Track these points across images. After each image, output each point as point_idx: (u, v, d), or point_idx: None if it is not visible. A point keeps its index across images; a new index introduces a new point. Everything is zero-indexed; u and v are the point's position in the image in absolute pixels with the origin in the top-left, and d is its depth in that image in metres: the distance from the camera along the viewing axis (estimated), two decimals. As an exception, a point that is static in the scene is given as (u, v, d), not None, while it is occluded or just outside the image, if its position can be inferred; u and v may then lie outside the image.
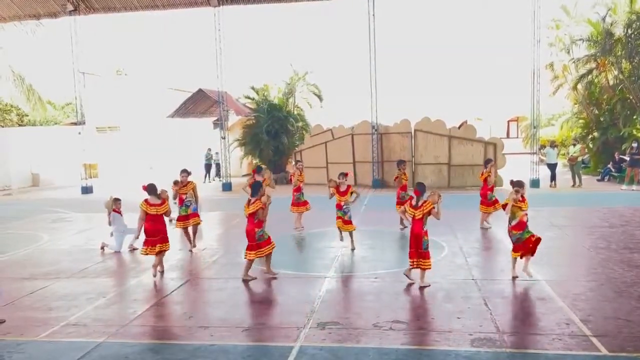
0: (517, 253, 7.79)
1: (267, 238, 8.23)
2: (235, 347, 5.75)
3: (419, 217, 7.60)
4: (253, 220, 8.07)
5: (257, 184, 8.31)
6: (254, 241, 8.10)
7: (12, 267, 9.72)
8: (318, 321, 6.36)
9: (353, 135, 22.13)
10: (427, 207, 7.56)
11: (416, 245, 7.62)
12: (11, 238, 12.91)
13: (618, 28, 21.81)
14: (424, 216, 7.60)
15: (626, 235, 10.81)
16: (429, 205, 7.56)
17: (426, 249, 7.64)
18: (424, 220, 7.62)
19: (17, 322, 6.66)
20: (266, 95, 26.61)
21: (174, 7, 22.46)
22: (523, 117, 31.84)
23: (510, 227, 7.78)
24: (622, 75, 22.35)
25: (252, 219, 8.07)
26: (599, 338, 5.61)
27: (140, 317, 6.81)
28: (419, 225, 7.62)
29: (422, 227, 7.61)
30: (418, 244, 7.61)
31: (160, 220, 8.61)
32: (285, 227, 12.22)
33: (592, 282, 7.73)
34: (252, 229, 8.09)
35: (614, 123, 22.70)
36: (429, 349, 5.56)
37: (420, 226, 7.61)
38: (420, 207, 7.62)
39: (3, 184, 25.43)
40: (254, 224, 8.08)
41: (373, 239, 11.23)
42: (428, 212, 7.59)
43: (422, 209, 7.60)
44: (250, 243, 8.14)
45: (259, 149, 24.69)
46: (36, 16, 23.66)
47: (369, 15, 20.38)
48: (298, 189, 12.39)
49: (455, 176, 20.35)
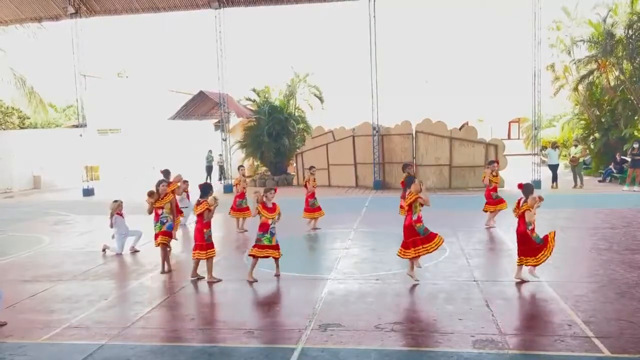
0: (528, 259, 7.62)
1: (212, 242, 8.39)
2: (237, 349, 5.75)
3: (407, 208, 7.81)
4: (202, 220, 8.24)
5: (206, 186, 8.46)
6: (202, 241, 8.25)
7: (14, 270, 9.72)
8: (320, 323, 6.36)
9: (354, 136, 22.14)
10: (411, 198, 7.75)
11: (409, 235, 7.78)
12: (13, 240, 12.93)
13: (619, 29, 21.79)
14: (410, 206, 7.76)
15: (628, 236, 10.79)
16: (412, 195, 7.75)
17: (424, 233, 7.78)
18: (412, 210, 7.76)
19: (19, 324, 6.66)
20: (267, 97, 26.62)
21: (175, 9, 22.49)
22: (524, 118, 31.81)
23: (530, 230, 7.63)
24: (623, 76, 22.33)
25: (201, 219, 8.25)
26: (601, 339, 5.59)
27: (142, 319, 6.81)
28: (409, 216, 7.82)
29: (412, 218, 7.78)
30: (411, 234, 7.76)
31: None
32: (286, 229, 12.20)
33: (594, 283, 7.72)
34: (200, 229, 8.26)
35: (615, 124, 22.68)
36: (430, 350, 5.55)
37: (410, 217, 7.79)
38: (406, 198, 7.84)
39: (5, 186, 25.46)
40: (202, 224, 8.26)
41: (374, 241, 11.23)
42: (414, 201, 7.73)
43: (407, 199, 7.80)
44: (197, 243, 8.31)
45: (260, 150, 24.71)
46: (37, 19, 23.73)
47: (370, 16, 20.39)
48: (312, 195, 12.37)
49: (456, 177, 20.34)
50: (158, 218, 9.28)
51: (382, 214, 14.52)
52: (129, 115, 29.13)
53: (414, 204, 7.77)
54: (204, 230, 8.25)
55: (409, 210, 7.81)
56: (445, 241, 10.43)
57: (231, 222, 13.21)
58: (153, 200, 9.31)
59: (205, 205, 8.19)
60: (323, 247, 11.09)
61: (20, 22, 24.18)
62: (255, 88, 27.31)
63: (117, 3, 22.35)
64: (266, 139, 24.09)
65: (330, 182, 22.88)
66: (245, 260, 9.83)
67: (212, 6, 21.45)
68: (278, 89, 27.72)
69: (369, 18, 20.43)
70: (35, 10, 23.00)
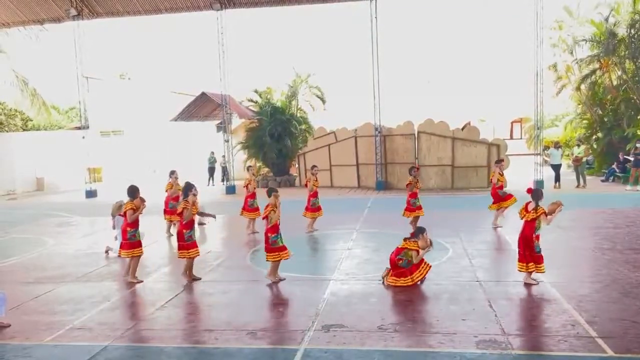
0: (529, 265, 7.56)
1: (193, 241, 8.45)
2: (240, 350, 5.75)
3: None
4: (182, 221, 8.35)
5: (187, 186, 8.58)
6: (183, 241, 8.36)
7: (17, 272, 9.75)
8: (323, 324, 6.36)
9: (356, 137, 22.14)
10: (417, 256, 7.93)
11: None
12: (16, 242, 12.96)
13: (621, 28, 21.77)
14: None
15: (631, 236, 10.77)
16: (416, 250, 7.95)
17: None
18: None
19: (23, 326, 6.67)
20: (269, 98, 26.66)
21: (177, 10, 22.52)
22: (527, 118, 31.76)
23: (535, 236, 7.60)
24: (625, 76, 22.30)
25: (181, 220, 8.37)
26: (605, 339, 5.59)
27: (145, 320, 6.82)
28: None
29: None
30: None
31: None
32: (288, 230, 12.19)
33: (597, 283, 7.71)
34: (181, 230, 8.38)
35: (618, 123, 22.64)
36: (434, 351, 5.54)
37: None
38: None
39: (8, 188, 25.51)
40: (182, 225, 8.37)
41: (377, 241, 11.22)
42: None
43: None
44: (179, 243, 8.43)
45: (262, 151, 24.73)
46: (40, 21, 23.77)
47: (372, 17, 20.39)
48: (314, 194, 12.38)
49: (458, 178, 20.31)
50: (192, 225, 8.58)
51: (384, 215, 14.51)
52: (131, 117, 29.19)
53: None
54: (183, 231, 8.35)
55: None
56: (448, 241, 10.49)
57: (240, 223, 13.14)
58: (189, 206, 8.44)
59: (183, 204, 8.35)
60: (325, 247, 11.09)
61: (23, 24, 24.22)
62: (257, 89, 27.36)
63: (119, 5, 22.39)
64: (268, 140, 24.11)
65: (333, 183, 22.88)
66: (249, 261, 9.86)
67: (214, 7, 21.46)
68: (280, 90, 27.77)
69: (370, 18, 20.43)
70: (37, 12, 23.06)
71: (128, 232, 8.55)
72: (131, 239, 8.55)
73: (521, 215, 7.73)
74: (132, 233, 8.55)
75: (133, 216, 8.52)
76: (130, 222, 8.52)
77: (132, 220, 8.52)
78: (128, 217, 8.51)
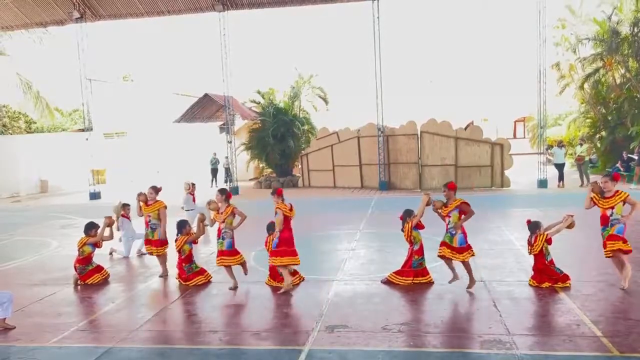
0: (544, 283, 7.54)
1: (198, 269, 8.51)
2: (245, 351, 5.76)
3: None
4: (180, 255, 8.41)
5: (180, 223, 8.57)
6: (184, 274, 8.42)
7: (22, 274, 9.78)
8: (327, 324, 6.36)
9: (359, 137, 22.12)
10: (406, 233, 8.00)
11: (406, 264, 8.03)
12: (20, 244, 13.00)
13: (624, 26, 21.72)
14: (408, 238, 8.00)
15: (636, 235, 10.71)
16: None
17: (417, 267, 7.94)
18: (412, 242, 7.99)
19: (28, 328, 6.69)
20: (272, 99, 26.67)
21: (179, 12, 22.58)
22: (530, 117, 31.71)
23: (549, 261, 7.59)
24: (629, 74, 22.24)
25: (180, 254, 8.42)
26: (610, 339, 5.57)
27: (149, 321, 6.83)
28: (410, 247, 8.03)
29: (412, 248, 7.98)
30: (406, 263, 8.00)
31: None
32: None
33: (602, 282, 7.69)
34: (180, 263, 8.45)
35: (622, 122, 22.56)
36: (438, 351, 5.54)
37: (410, 247, 8.00)
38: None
39: (12, 190, 25.61)
40: (181, 259, 8.42)
41: (380, 242, 11.21)
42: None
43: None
44: (179, 272, 8.51)
45: (265, 152, 24.75)
46: (43, 24, 23.89)
47: (374, 17, 20.39)
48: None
49: (462, 177, 20.27)
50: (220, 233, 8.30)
51: (388, 215, 14.46)
52: (134, 119, 29.26)
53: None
54: (183, 265, 8.36)
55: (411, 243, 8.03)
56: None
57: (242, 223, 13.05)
58: (214, 210, 8.30)
59: (182, 239, 8.35)
60: (329, 248, 11.08)
61: (26, 27, 24.35)
62: (259, 90, 27.37)
63: (122, 7, 22.46)
64: (271, 141, 24.13)
65: (336, 183, 22.85)
66: (253, 261, 9.84)
67: (216, 9, 21.51)
68: (282, 91, 27.79)
69: (373, 19, 20.43)
70: (40, 15, 23.16)
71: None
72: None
73: (529, 252, 7.73)
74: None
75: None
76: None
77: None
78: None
